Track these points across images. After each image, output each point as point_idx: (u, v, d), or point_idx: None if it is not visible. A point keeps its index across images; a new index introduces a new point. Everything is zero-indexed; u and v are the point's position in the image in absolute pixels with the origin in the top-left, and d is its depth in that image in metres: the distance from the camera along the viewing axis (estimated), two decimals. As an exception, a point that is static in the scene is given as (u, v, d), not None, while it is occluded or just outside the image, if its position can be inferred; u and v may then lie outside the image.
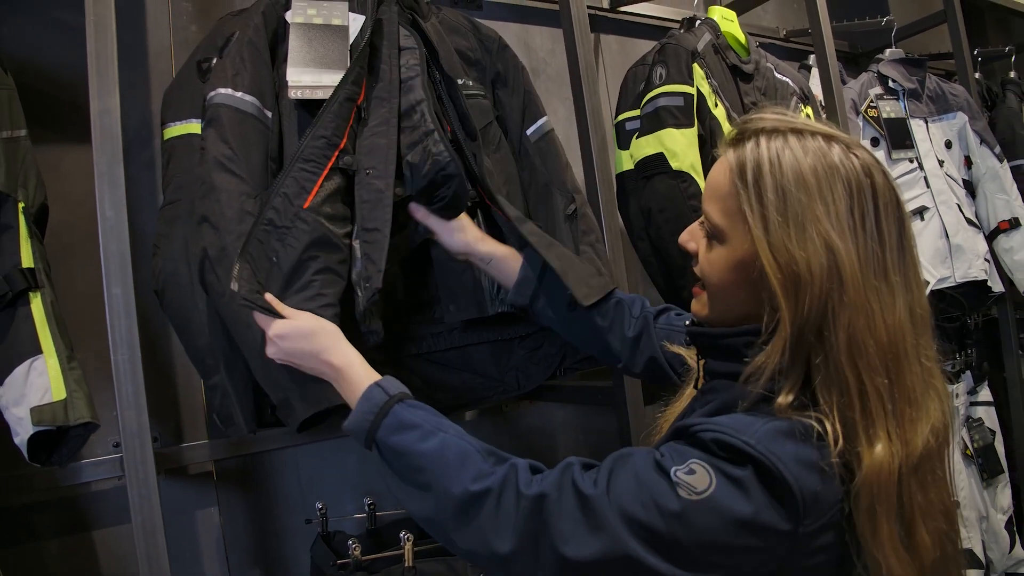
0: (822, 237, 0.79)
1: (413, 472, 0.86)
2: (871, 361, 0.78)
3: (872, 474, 0.76)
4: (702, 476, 0.75)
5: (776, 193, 0.81)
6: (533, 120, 1.52)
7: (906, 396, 0.79)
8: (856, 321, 0.78)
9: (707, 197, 0.90)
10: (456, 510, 0.82)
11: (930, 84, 2.46)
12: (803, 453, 0.75)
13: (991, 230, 2.43)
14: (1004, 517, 2.49)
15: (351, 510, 1.61)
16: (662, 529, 0.75)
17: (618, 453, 0.83)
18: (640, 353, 1.23)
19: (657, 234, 1.68)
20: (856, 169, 0.82)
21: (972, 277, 2.26)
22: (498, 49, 1.53)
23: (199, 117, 1.24)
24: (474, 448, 0.86)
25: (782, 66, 2.05)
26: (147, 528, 1.12)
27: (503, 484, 0.81)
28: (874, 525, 0.77)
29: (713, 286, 0.90)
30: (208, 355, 1.20)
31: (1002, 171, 2.44)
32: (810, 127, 0.85)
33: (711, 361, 0.95)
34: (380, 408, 0.91)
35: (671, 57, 1.72)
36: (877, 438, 0.77)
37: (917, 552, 0.79)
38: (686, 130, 1.66)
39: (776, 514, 0.74)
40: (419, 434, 0.87)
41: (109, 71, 1.16)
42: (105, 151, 1.15)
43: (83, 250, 1.41)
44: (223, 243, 1.10)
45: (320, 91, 1.23)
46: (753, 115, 0.89)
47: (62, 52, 1.46)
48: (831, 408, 0.78)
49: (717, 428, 0.78)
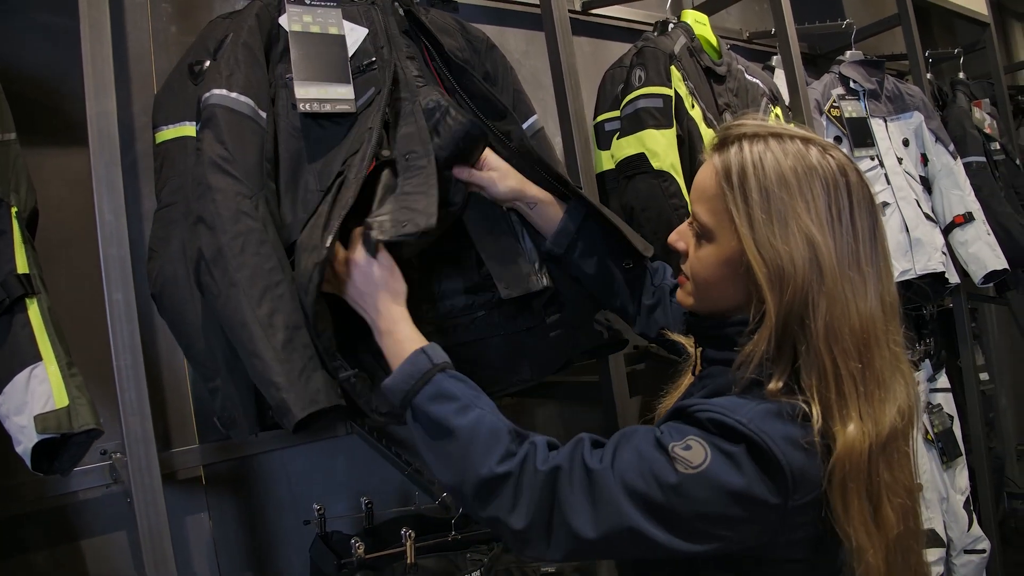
0: (803, 232, 0.85)
1: (445, 441, 0.91)
2: (845, 346, 0.84)
3: (845, 452, 0.82)
4: (698, 451, 0.81)
5: (760, 193, 0.87)
6: (524, 118, 1.54)
7: (876, 379, 0.86)
8: (833, 309, 0.85)
9: (695, 199, 0.96)
10: (479, 487, 0.88)
11: (888, 85, 2.56)
12: (790, 432, 0.82)
13: (947, 224, 2.54)
14: (963, 497, 2.60)
15: (341, 510, 1.62)
16: (661, 500, 0.81)
17: (623, 430, 0.90)
18: (654, 322, 1.29)
19: (639, 232, 1.71)
20: (832, 169, 0.89)
21: (932, 269, 2.36)
22: (486, 49, 1.55)
23: (192, 120, 1.23)
24: (505, 428, 0.91)
25: (752, 68, 2.12)
26: (154, 535, 1.11)
27: (523, 463, 0.87)
28: (845, 502, 0.83)
29: (703, 281, 0.96)
30: (208, 358, 1.20)
31: (956, 168, 2.56)
32: (788, 131, 0.92)
33: (708, 349, 1.01)
34: (423, 374, 0.95)
35: (650, 60, 1.76)
36: (850, 418, 0.83)
37: (883, 527, 0.85)
38: (666, 131, 1.71)
39: (767, 488, 0.80)
40: (456, 407, 0.92)
41: (105, 73, 1.14)
42: (102, 154, 1.13)
43: (64, 255, 1.39)
44: (219, 244, 1.09)
45: (328, 104, 1.24)
46: (734, 121, 0.96)
47: (42, 55, 1.43)
48: (811, 391, 0.84)
49: (712, 408, 0.84)
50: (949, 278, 2.44)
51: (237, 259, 1.08)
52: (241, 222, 1.11)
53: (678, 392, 1.11)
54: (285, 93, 1.26)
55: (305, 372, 1.07)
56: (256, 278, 1.08)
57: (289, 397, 1.04)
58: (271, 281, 1.10)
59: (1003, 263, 2.53)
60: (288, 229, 1.20)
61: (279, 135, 1.24)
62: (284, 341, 1.06)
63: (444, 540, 1.36)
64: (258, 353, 1.05)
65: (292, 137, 1.24)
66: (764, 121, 0.95)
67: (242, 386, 1.18)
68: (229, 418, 1.20)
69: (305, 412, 1.04)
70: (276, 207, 1.21)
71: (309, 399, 1.05)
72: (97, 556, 1.43)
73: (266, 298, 1.08)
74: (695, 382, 1.04)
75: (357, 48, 1.30)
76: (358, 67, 1.30)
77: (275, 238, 1.15)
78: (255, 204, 1.14)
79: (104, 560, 1.43)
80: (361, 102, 1.29)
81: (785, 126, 0.93)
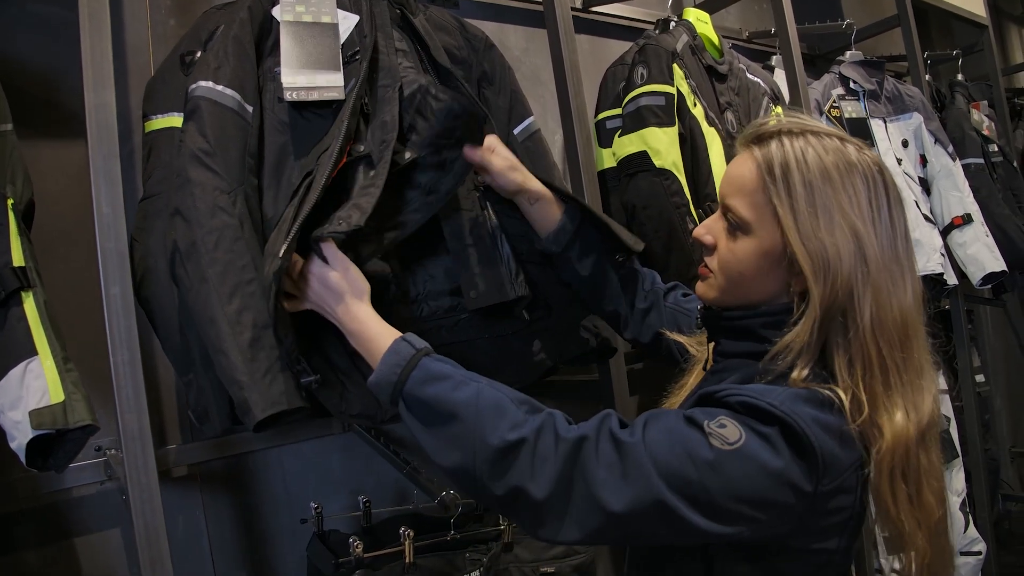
0: (848, 225, 0.87)
1: (446, 421, 0.87)
2: (890, 337, 0.86)
3: (894, 442, 0.83)
4: (732, 430, 0.80)
5: (804, 186, 0.88)
6: (520, 120, 1.54)
7: (916, 368, 0.88)
8: (879, 300, 0.86)
9: (731, 192, 0.96)
10: (492, 459, 0.83)
11: (888, 85, 2.56)
12: (822, 417, 0.82)
13: (945, 225, 2.54)
14: (959, 499, 2.60)
15: (337, 509, 1.60)
16: (694, 477, 0.79)
17: (650, 411, 0.88)
18: (648, 326, 1.28)
19: (640, 230, 1.71)
20: (870, 165, 0.90)
21: (930, 271, 2.36)
22: (485, 48, 1.54)
23: (180, 111, 1.22)
24: (508, 397, 0.88)
25: (753, 67, 2.11)
26: (150, 533, 1.11)
27: (540, 430, 0.84)
28: (894, 490, 0.84)
29: (736, 274, 0.96)
30: (184, 351, 1.19)
31: (955, 169, 2.56)
32: (823, 129, 0.94)
33: (724, 342, 1.01)
34: (408, 360, 0.92)
35: (652, 57, 1.75)
36: (896, 407, 0.85)
37: (924, 512, 0.86)
38: (668, 129, 1.70)
39: (800, 471, 0.79)
40: (451, 384, 0.89)
41: (104, 65, 1.13)
42: (101, 147, 1.12)
43: (62, 248, 1.38)
44: (193, 237, 1.09)
45: (315, 92, 1.23)
46: (768, 118, 0.98)
47: (41, 47, 1.41)
48: (857, 381, 0.85)
49: (741, 392, 0.83)
50: (947, 280, 2.44)
51: (210, 254, 1.08)
52: (217, 217, 1.10)
53: (684, 390, 1.10)
54: (273, 87, 1.24)
55: (270, 372, 1.06)
56: (227, 275, 1.08)
57: (251, 396, 1.04)
58: (243, 279, 1.09)
59: (1002, 265, 2.54)
60: (269, 225, 1.19)
61: (265, 129, 1.22)
62: (251, 340, 1.06)
63: (443, 539, 1.35)
64: (224, 350, 1.05)
65: (278, 131, 1.22)
66: (799, 118, 0.97)
67: (215, 381, 1.17)
68: (202, 412, 1.20)
69: (265, 413, 1.03)
70: (257, 203, 1.20)
71: (271, 400, 1.04)
72: (91, 553, 1.41)
73: (236, 295, 1.08)
74: (708, 377, 1.04)
75: (346, 39, 1.28)
76: (345, 58, 1.28)
77: (251, 235, 1.14)
78: (233, 200, 1.13)
79: (98, 557, 1.42)
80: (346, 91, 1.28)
81: (819, 124, 0.95)
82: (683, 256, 1.66)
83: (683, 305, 1.26)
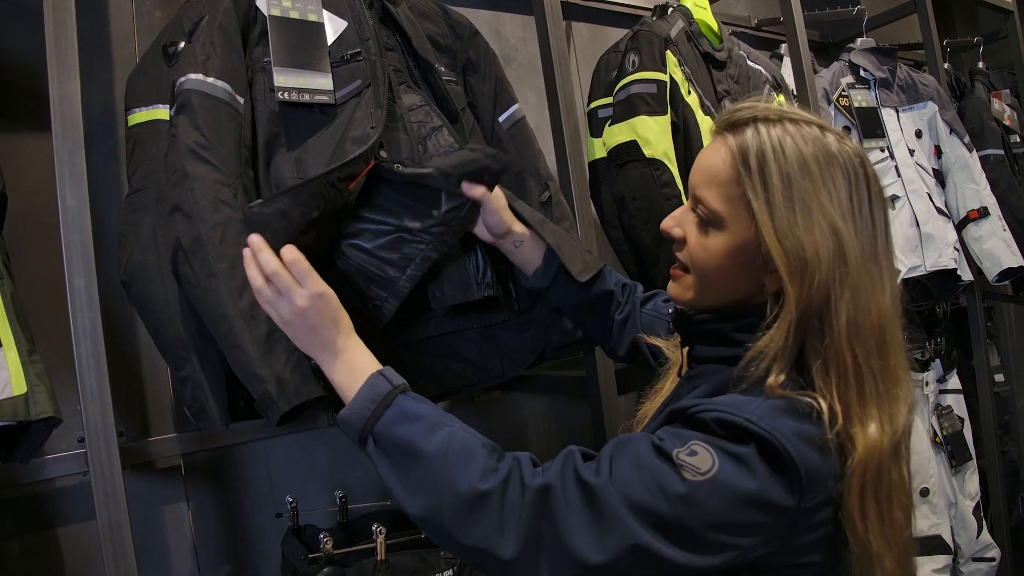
0: (828, 222, 0.81)
1: (415, 465, 0.83)
2: (867, 343, 0.81)
3: (866, 455, 0.78)
4: (704, 456, 0.75)
5: (782, 179, 0.83)
6: (505, 107, 1.51)
7: (892, 377, 0.83)
8: (856, 303, 0.81)
9: (702, 183, 0.90)
10: (462, 507, 0.79)
11: (901, 73, 2.48)
12: (803, 429, 0.77)
13: (960, 219, 2.45)
14: (972, 503, 2.52)
15: (321, 503, 1.59)
16: (668, 513, 0.74)
17: (616, 440, 0.83)
18: (624, 338, 1.24)
19: (630, 222, 1.67)
20: (851, 157, 0.85)
21: (942, 266, 2.28)
22: (469, 35, 1.51)
23: (166, 103, 1.20)
24: (479, 442, 0.84)
25: (754, 54, 2.05)
26: (113, 526, 1.10)
27: (507, 479, 0.79)
28: (863, 507, 0.79)
29: (707, 272, 0.90)
30: (178, 347, 1.17)
31: (971, 160, 2.47)
32: (801, 116, 0.88)
33: (698, 347, 0.96)
34: (383, 397, 0.87)
35: (644, 44, 1.71)
36: (870, 418, 0.80)
37: (894, 530, 0.81)
38: (659, 117, 1.65)
39: (780, 489, 0.75)
40: (424, 426, 0.84)
41: (69, 56, 1.12)
42: (66, 139, 1.11)
43: (40, 241, 1.37)
44: (197, 233, 1.06)
45: (307, 95, 1.21)
46: (743, 103, 0.90)
47: (19, 37, 1.41)
48: (830, 389, 0.80)
49: (716, 407, 0.78)
50: (961, 275, 2.36)
51: (217, 249, 1.06)
52: (220, 211, 1.07)
53: (659, 396, 1.05)
54: (263, 77, 1.22)
55: (289, 364, 1.04)
56: (236, 269, 1.05)
57: (273, 390, 1.01)
58: None
59: (1019, 260, 2.45)
60: None
61: (257, 120, 1.21)
62: (267, 333, 1.04)
63: (417, 537, 1.33)
64: (240, 345, 1.03)
65: (270, 122, 1.20)
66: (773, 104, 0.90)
67: (212, 375, 1.16)
68: (199, 408, 1.17)
69: (290, 404, 1.01)
70: (255, 195, 1.18)
71: (294, 391, 1.02)
72: (74, 544, 1.42)
73: (247, 289, 1.03)
74: (682, 383, 0.99)
75: (339, 36, 1.26)
76: (342, 56, 1.26)
77: None
78: (234, 192, 1.11)
79: (80, 548, 1.42)
80: (344, 93, 1.26)
81: (796, 110, 0.89)
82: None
83: (661, 311, 1.21)
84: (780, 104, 1.96)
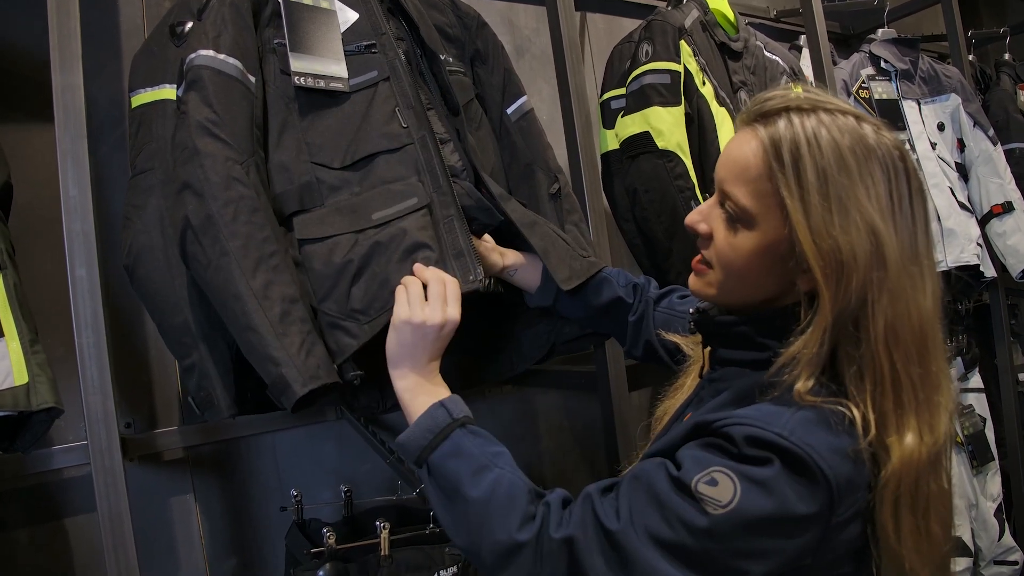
0: (866, 222, 0.76)
1: (461, 502, 0.86)
2: (907, 349, 0.77)
3: (902, 467, 0.74)
4: (726, 485, 0.72)
5: (817, 175, 0.77)
6: (513, 99, 1.48)
7: (933, 383, 0.78)
8: (895, 307, 0.77)
9: (731, 178, 0.84)
10: (500, 554, 0.81)
11: (923, 65, 2.42)
12: (836, 442, 0.73)
13: (984, 214, 2.39)
14: (994, 505, 2.47)
15: (329, 497, 1.58)
16: (694, 547, 0.72)
17: (632, 472, 0.81)
18: (640, 338, 1.21)
19: (642, 215, 1.64)
20: (890, 150, 0.80)
21: (964, 262, 2.23)
22: (477, 26, 1.49)
23: (173, 83, 1.18)
24: (523, 489, 0.85)
25: (772, 44, 2.01)
26: (113, 517, 1.09)
27: (540, 529, 0.81)
28: (897, 520, 0.75)
29: (735, 271, 0.86)
30: (184, 333, 1.15)
31: (995, 154, 2.40)
32: (836, 105, 0.82)
33: (721, 350, 0.92)
34: (441, 430, 0.91)
35: (658, 34, 1.67)
36: (908, 428, 0.76)
37: (931, 545, 0.77)
38: (672, 108, 1.62)
39: (809, 505, 0.72)
40: (475, 466, 0.87)
41: (71, 45, 1.12)
42: (68, 128, 1.11)
43: (49, 233, 1.37)
44: (208, 211, 1.03)
45: (322, 81, 1.19)
46: (774, 92, 0.85)
47: (27, 29, 1.41)
48: (864, 398, 0.76)
49: (745, 421, 0.75)
50: (984, 271, 2.30)
51: (229, 227, 1.02)
52: (232, 188, 1.04)
53: (680, 393, 1.02)
54: (274, 59, 1.20)
55: (304, 346, 1.01)
56: (250, 248, 1.03)
57: (289, 372, 0.98)
58: (265, 252, 1.04)
59: (1044, 257, 2.38)
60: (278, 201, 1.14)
61: (268, 101, 1.18)
62: (281, 314, 1.01)
63: (421, 532, 1.31)
64: (254, 326, 1.00)
65: (282, 104, 1.18)
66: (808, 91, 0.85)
67: (220, 363, 1.14)
68: (205, 397, 1.15)
69: (306, 388, 0.98)
70: (266, 177, 1.15)
71: (309, 375, 0.99)
72: (80, 534, 1.42)
73: (260, 269, 1.02)
74: (704, 384, 0.95)
75: (352, 26, 1.24)
76: (357, 47, 1.24)
77: (267, 206, 1.09)
78: (246, 170, 1.07)
79: (87, 538, 1.42)
80: (357, 82, 1.23)
81: (830, 98, 0.83)
82: (687, 243, 1.58)
83: (676, 308, 1.19)
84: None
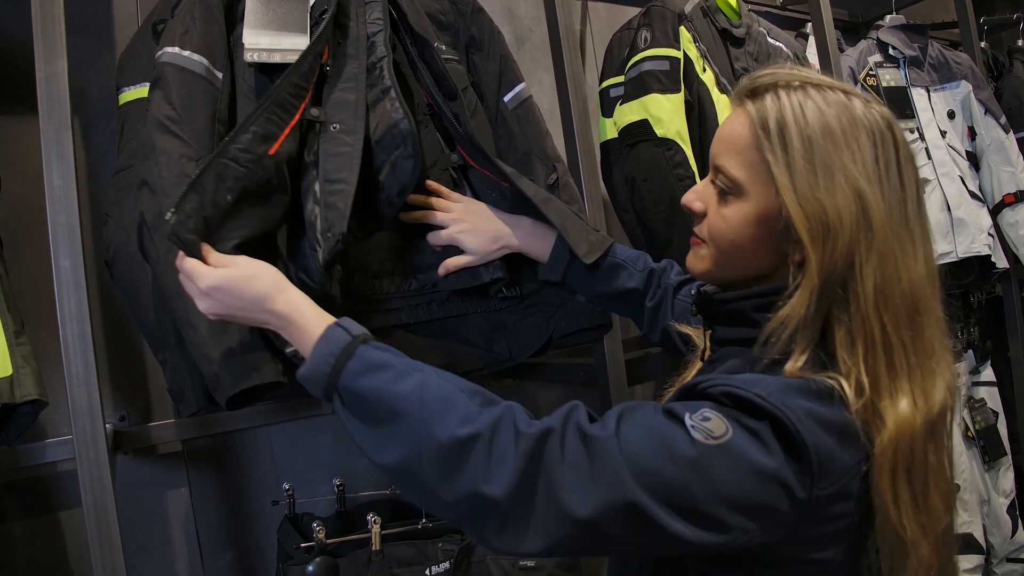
0: (851, 184, 0.77)
1: (386, 418, 0.76)
2: (896, 311, 0.77)
3: (897, 431, 0.74)
4: (718, 423, 0.71)
5: (802, 141, 0.80)
6: (511, 86, 1.46)
7: (926, 349, 0.78)
8: (884, 269, 0.77)
9: (721, 152, 0.87)
10: (441, 458, 0.73)
11: (932, 52, 2.37)
12: (817, 410, 0.72)
13: (995, 203, 2.34)
14: (1007, 501, 2.42)
15: (324, 491, 1.56)
16: (674, 477, 0.69)
17: (624, 404, 0.78)
18: (658, 323, 1.20)
19: (641, 204, 1.61)
20: (877, 120, 0.81)
21: (975, 252, 2.18)
22: (472, 12, 1.47)
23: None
24: (457, 387, 0.78)
25: (776, 31, 1.97)
26: (99, 510, 1.08)
27: (496, 425, 0.73)
28: (896, 489, 0.75)
29: (727, 243, 0.87)
30: (156, 328, 1.16)
31: (1008, 142, 2.35)
32: (825, 81, 0.84)
33: (719, 328, 0.92)
34: (343, 349, 0.80)
35: (657, 20, 1.64)
36: (901, 392, 0.75)
37: (930, 517, 0.77)
38: (672, 95, 1.59)
39: (792, 473, 0.70)
40: (393, 374, 0.77)
41: (55, 34, 1.11)
42: (52, 118, 1.10)
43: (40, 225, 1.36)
44: (160, 208, 1.03)
45: (277, 54, 1.17)
46: (764, 70, 0.87)
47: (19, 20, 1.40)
48: (856, 361, 0.76)
49: (726, 382, 0.74)
50: (996, 262, 2.25)
51: None
52: (183, 185, 1.02)
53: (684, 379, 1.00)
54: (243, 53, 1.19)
55: (242, 345, 1.01)
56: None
57: (222, 371, 1.00)
58: None
59: (1057, 247, 2.33)
60: None
61: (236, 96, 1.18)
62: None
63: (414, 527, 1.30)
64: (192, 323, 1.01)
65: (247, 98, 1.18)
66: (800, 70, 0.87)
67: (190, 359, 1.12)
68: (178, 391, 1.16)
69: (237, 388, 0.99)
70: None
71: (244, 374, 1.00)
72: (73, 527, 1.41)
73: None
74: (704, 367, 0.94)
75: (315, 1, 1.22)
76: (313, 19, 1.22)
77: None
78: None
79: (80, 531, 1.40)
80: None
81: (820, 76, 0.85)
82: (686, 233, 1.55)
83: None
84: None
